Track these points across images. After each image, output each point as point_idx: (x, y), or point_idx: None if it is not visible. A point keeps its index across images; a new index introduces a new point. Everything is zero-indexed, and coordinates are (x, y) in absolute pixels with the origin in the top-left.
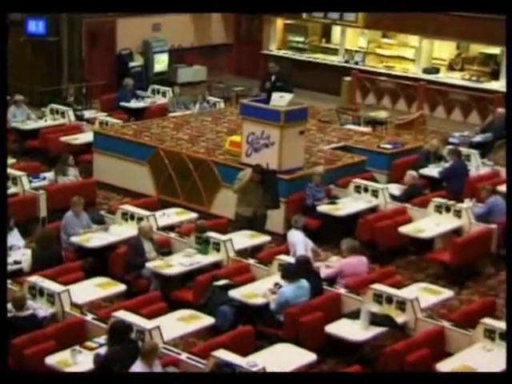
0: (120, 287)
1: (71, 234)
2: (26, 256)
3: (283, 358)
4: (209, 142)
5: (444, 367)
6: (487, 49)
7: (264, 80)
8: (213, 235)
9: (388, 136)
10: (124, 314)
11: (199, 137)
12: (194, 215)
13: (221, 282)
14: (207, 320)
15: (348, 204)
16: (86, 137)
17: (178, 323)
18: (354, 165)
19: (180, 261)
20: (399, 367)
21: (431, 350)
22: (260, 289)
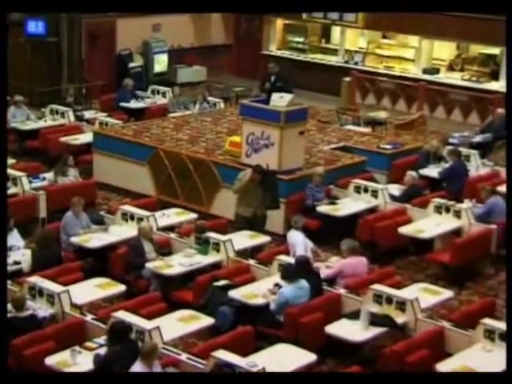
0: (120, 288)
1: (71, 235)
2: (26, 256)
3: (283, 359)
4: (209, 143)
5: (444, 368)
6: (487, 49)
7: (264, 80)
8: (213, 235)
9: (388, 136)
10: (124, 315)
11: (199, 137)
12: (194, 215)
13: (221, 283)
14: (207, 320)
15: (348, 204)
16: (86, 137)
17: (178, 323)
18: (354, 165)
19: (180, 261)
20: (399, 368)
21: (431, 351)
22: (260, 289)
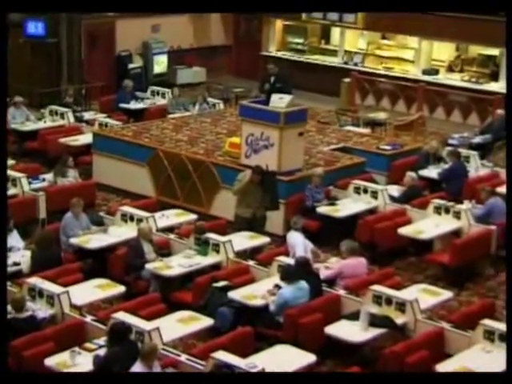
0: (119, 288)
1: (70, 236)
2: (26, 257)
3: (283, 360)
4: (208, 144)
5: (443, 368)
6: (486, 50)
7: (263, 81)
8: (212, 236)
9: (387, 137)
10: (123, 316)
11: (199, 138)
12: (194, 216)
13: (220, 284)
14: (206, 321)
15: (347, 205)
16: (86, 138)
17: (178, 324)
18: (354, 166)
19: (179, 262)
20: (399, 368)
21: (431, 352)
22: (259, 290)
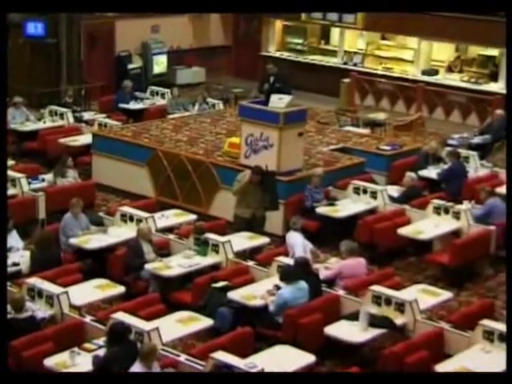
0: (119, 289)
1: (70, 236)
2: (25, 258)
3: (282, 360)
4: (208, 144)
5: (443, 369)
6: (486, 51)
7: (263, 81)
8: (211, 237)
9: (387, 138)
10: (123, 316)
11: (198, 138)
12: (193, 217)
13: (220, 284)
14: (206, 322)
15: (347, 206)
16: (85, 138)
17: (177, 325)
18: (353, 166)
19: (179, 262)
20: (398, 369)
21: (430, 352)
22: (259, 290)
